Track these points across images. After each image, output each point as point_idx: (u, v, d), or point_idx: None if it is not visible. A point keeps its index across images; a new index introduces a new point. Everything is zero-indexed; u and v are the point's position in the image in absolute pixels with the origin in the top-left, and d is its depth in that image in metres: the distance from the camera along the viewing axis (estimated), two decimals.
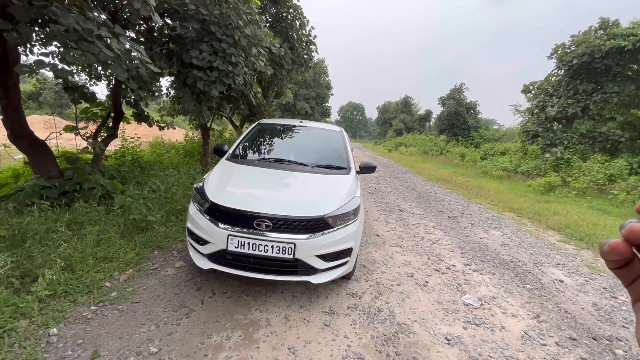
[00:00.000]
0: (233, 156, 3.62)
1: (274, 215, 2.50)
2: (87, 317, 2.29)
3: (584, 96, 11.43)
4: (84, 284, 2.60)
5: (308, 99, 29.53)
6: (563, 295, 3.32)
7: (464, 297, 3.17)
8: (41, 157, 4.44)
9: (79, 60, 3.00)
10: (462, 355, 2.33)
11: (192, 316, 2.45)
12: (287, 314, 2.62)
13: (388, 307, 2.85)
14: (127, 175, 5.54)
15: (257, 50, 5.18)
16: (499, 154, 17.84)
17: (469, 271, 3.79)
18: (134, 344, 2.09)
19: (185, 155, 9.33)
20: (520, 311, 2.98)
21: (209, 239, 2.59)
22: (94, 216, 3.74)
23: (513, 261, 4.15)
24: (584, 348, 2.50)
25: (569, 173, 10.23)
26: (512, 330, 2.68)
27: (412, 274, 3.60)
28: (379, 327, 2.55)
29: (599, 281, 3.75)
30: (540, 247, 4.85)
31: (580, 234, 5.47)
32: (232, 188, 2.85)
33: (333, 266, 2.70)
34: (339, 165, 3.57)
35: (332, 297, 2.93)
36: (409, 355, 2.27)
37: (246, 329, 2.39)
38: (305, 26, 9.66)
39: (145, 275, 2.98)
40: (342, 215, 2.72)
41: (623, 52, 10.36)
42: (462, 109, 25.36)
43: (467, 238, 5.03)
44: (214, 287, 2.88)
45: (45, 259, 2.72)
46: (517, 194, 9.25)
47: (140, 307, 2.48)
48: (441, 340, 2.48)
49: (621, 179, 8.93)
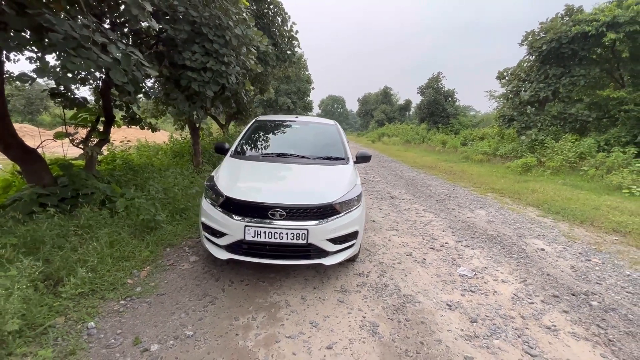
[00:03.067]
0: (237, 153, 3.77)
1: (288, 205, 2.71)
2: (119, 311, 2.44)
3: (554, 80, 12.09)
4: (107, 282, 2.73)
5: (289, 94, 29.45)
6: (545, 262, 3.71)
7: (459, 270, 3.49)
8: (34, 165, 4.42)
9: (80, 67, 3.07)
10: (462, 317, 2.63)
11: (217, 303, 2.64)
12: (303, 295, 2.84)
13: (393, 283, 3.13)
14: (122, 179, 5.56)
15: (246, 49, 5.29)
16: (478, 139, 18.57)
17: (461, 247, 4.13)
18: (170, 329, 2.27)
19: (174, 157, 9.30)
20: (509, 277, 3.33)
21: (226, 231, 2.77)
22: (100, 220, 3.81)
23: (499, 236, 4.54)
24: (565, 303, 2.87)
25: (544, 153, 10.87)
26: (504, 294, 3.01)
27: (411, 253, 3.89)
28: (388, 300, 2.82)
29: (575, 248, 4.18)
30: (522, 222, 5.28)
31: (557, 208, 5.95)
32: (243, 182, 3.03)
33: (342, 248, 2.94)
34: (337, 156, 3.80)
35: (342, 278, 3.18)
36: (417, 320, 2.55)
37: (268, 310, 2.60)
38: (287, 22, 9.73)
39: (163, 270, 3.12)
40: (348, 201, 2.96)
41: (587, 37, 11.01)
42: (440, 97, 26.01)
43: (456, 218, 5.39)
44: (231, 277, 3.06)
45: (64, 263, 2.82)
46: (498, 176, 9.79)
47: (166, 299, 2.65)
48: (443, 306, 2.77)
49: (590, 156, 9.61)
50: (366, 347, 2.21)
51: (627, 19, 10.03)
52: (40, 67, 3.13)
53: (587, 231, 4.89)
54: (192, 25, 4.58)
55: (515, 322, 2.59)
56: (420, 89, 27.39)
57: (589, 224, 5.19)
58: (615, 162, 8.49)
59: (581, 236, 4.64)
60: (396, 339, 2.30)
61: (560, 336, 2.42)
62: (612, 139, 10.48)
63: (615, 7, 10.56)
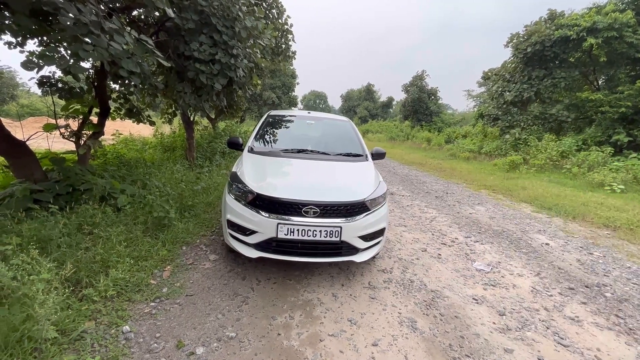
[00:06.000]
0: (254, 148, 3.67)
1: (322, 202, 2.67)
2: (151, 313, 2.32)
3: (537, 81, 12.64)
4: (131, 283, 2.59)
5: (274, 88, 29.05)
6: (552, 255, 3.89)
7: (475, 264, 3.59)
8: (23, 159, 4.14)
9: (92, 55, 2.89)
10: (491, 310, 2.72)
11: (250, 302, 2.58)
12: (333, 292, 2.83)
13: (418, 278, 3.18)
14: (116, 174, 5.30)
15: (253, 41, 5.14)
16: (461, 137, 19.16)
17: (471, 242, 4.25)
18: (210, 331, 2.19)
19: (164, 151, 8.96)
20: (523, 271, 3.46)
21: (257, 228, 2.70)
22: (105, 218, 3.62)
23: (504, 231, 4.71)
24: (581, 295, 3.02)
25: (528, 152, 11.37)
26: (523, 287, 3.13)
27: (425, 248, 3.97)
28: (417, 295, 2.86)
29: (575, 242, 4.41)
30: (520, 217, 5.50)
31: (549, 204, 6.25)
32: (272, 179, 2.95)
33: (371, 245, 2.95)
34: (357, 153, 3.79)
35: (367, 274, 3.19)
36: (451, 314, 2.60)
37: (303, 308, 2.57)
38: (282, 15, 9.56)
39: (185, 270, 3.01)
40: (376, 198, 2.96)
41: (568, 41, 11.57)
42: (424, 95, 26.56)
43: (458, 214, 5.54)
44: (257, 275, 3.00)
45: (81, 263, 2.65)
46: (486, 173, 10.15)
47: (197, 300, 2.55)
48: (470, 300, 2.85)
49: (571, 154, 10.15)
50: (411, 342, 2.24)
51: (605, 25, 10.61)
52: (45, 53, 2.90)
53: (580, 226, 5.17)
54: (200, 14, 4.39)
55: (540, 314, 2.70)
56: (404, 87, 27.83)
57: (580, 219, 5.49)
58: (596, 161, 9.01)
59: (577, 231, 4.90)
60: (437, 334, 2.34)
61: (584, 326, 2.55)
62: (589, 139, 11.12)
63: (594, 14, 11.13)
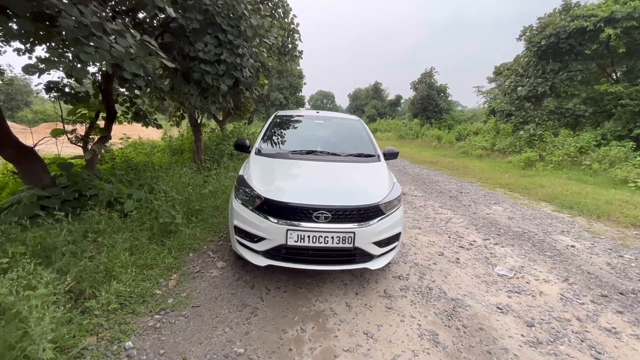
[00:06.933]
0: (262, 150, 3.54)
1: (334, 207, 2.52)
2: (155, 327, 2.20)
3: (552, 75, 12.21)
4: (135, 294, 2.48)
5: (281, 89, 28.99)
6: (580, 259, 3.65)
7: (497, 269, 3.38)
8: (31, 165, 4.10)
9: (94, 57, 2.80)
10: (517, 321, 2.52)
11: (259, 314, 2.44)
12: (347, 301, 2.67)
13: (436, 285, 2.99)
14: (124, 179, 5.24)
15: (259, 41, 5.02)
16: (472, 134, 18.71)
17: (491, 245, 4.03)
18: (217, 347, 2.06)
19: (172, 154, 8.93)
20: (550, 277, 3.24)
21: (265, 235, 2.55)
22: (111, 224, 3.53)
23: (525, 232, 4.47)
24: (616, 302, 2.79)
25: (544, 148, 10.97)
26: (550, 294, 2.92)
27: (442, 252, 3.77)
28: (437, 305, 2.68)
29: (602, 243, 4.14)
30: (540, 217, 5.24)
31: (569, 203, 5.95)
32: (280, 182, 2.81)
33: (386, 251, 2.78)
34: (368, 153, 3.61)
35: (382, 281, 3.02)
36: (475, 326, 2.41)
37: (316, 320, 2.41)
38: (288, 14, 9.43)
39: (191, 279, 2.88)
40: (391, 201, 2.78)
41: (585, 32, 11.13)
42: (433, 93, 26.10)
43: (475, 215, 5.31)
44: (266, 284, 2.85)
45: (84, 273, 2.56)
46: (501, 171, 9.83)
47: (204, 311, 2.42)
48: (494, 310, 2.65)
49: (590, 150, 9.74)
50: (433, 359, 2.06)
51: (624, 14, 10.16)
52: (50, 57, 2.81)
53: (606, 226, 4.88)
54: (205, 14, 4.28)
55: (573, 325, 2.49)
56: (413, 84, 27.43)
57: (605, 218, 5.19)
58: (617, 156, 8.62)
59: (602, 231, 4.62)
60: (461, 349, 2.16)
61: (623, 339, 2.33)
62: (609, 133, 10.68)
63: (612, 3, 10.68)
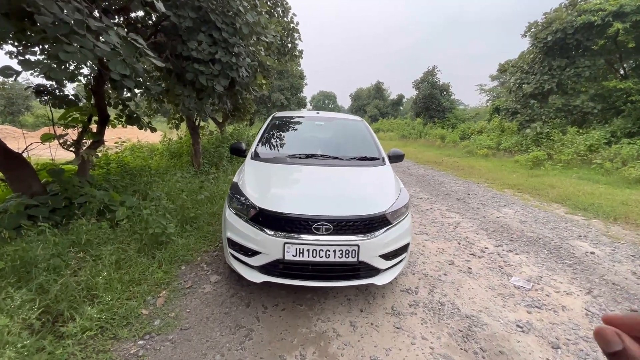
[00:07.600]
0: (258, 155, 3.31)
1: (335, 217, 2.28)
2: (137, 355, 1.98)
3: (558, 72, 11.90)
4: (119, 315, 2.26)
5: (283, 90, 28.81)
6: (602, 267, 3.38)
7: (512, 280, 3.13)
8: (19, 172, 3.90)
9: (74, 57, 2.58)
10: (541, 341, 2.27)
11: (254, 337, 2.20)
12: (351, 320, 2.43)
13: (448, 300, 2.74)
14: (119, 185, 5.03)
15: (256, 39, 4.80)
16: (476, 132, 18.39)
17: (504, 252, 3.78)
18: None
19: (171, 158, 8.74)
20: (571, 288, 2.98)
21: (260, 249, 2.33)
22: (100, 234, 3.32)
23: (540, 237, 4.20)
24: None
25: (552, 147, 10.66)
26: (574, 309, 2.66)
27: (452, 261, 3.52)
28: (451, 323, 2.43)
29: (624, 249, 3.87)
30: (554, 220, 4.97)
31: (583, 204, 5.67)
32: (277, 190, 2.58)
33: (393, 264, 2.54)
34: (372, 156, 3.37)
35: (388, 296, 2.78)
36: (494, 349, 2.17)
37: (317, 343, 2.18)
38: (287, 13, 9.22)
39: (182, 295, 2.66)
40: (399, 209, 2.55)
41: (592, 27, 10.82)
42: (436, 91, 25.74)
43: (484, 218, 5.05)
44: (263, 300, 2.62)
45: (64, 292, 2.34)
46: (508, 170, 9.54)
47: (193, 335, 2.19)
48: (514, 328, 2.40)
49: (600, 148, 9.43)
50: None
51: (633, 8, 9.84)
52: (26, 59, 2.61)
53: (624, 229, 4.61)
54: (198, 11, 4.07)
55: None
56: (415, 83, 27.11)
57: (622, 220, 4.92)
58: (630, 154, 8.31)
59: (622, 235, 4.35)
60: None
61: None
62: (618, 131, 10.35)
63: None
